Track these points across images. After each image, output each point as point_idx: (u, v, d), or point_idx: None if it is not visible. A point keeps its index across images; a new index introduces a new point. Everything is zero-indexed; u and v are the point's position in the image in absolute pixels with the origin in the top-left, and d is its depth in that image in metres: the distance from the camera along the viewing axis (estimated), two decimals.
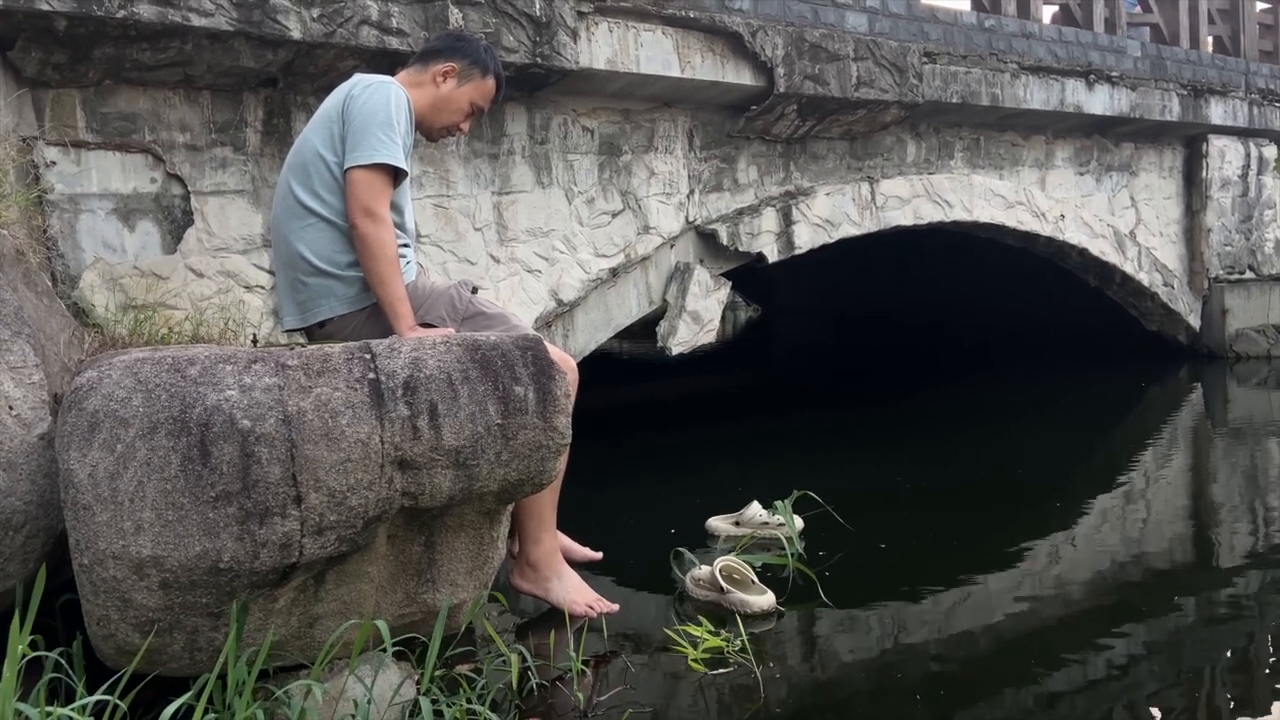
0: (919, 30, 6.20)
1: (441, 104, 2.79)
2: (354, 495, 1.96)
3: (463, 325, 2.65)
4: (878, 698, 2.56)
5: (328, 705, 2.06)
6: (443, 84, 2.78)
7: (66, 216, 3.53)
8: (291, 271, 2.67)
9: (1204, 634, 2.93)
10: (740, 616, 2.91)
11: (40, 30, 3.23)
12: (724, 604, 3.02)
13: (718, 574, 3.06)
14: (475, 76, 2.81)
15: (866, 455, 5.57)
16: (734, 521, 3.82)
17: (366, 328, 2.60)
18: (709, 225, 5.52)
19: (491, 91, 2.86)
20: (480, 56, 2.82)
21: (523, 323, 2.75)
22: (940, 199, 6.69)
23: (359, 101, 2.56)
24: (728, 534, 3.78)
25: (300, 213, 2.62)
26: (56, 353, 2.43)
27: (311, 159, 2.62)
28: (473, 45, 2.86)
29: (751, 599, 3.00)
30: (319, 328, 2.69)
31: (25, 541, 2.00)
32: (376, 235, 2.50)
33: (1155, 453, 5.60)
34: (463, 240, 4.58)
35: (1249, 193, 8.71)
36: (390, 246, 2.52)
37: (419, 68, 2.81)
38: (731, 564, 3.12)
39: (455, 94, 2.79)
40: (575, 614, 2.75)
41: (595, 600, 2.83)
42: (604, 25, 4.61)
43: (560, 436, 2.23)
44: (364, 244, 2.51)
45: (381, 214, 2.51)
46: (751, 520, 3.75)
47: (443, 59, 2.79)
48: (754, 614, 2.96)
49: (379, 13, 3.80)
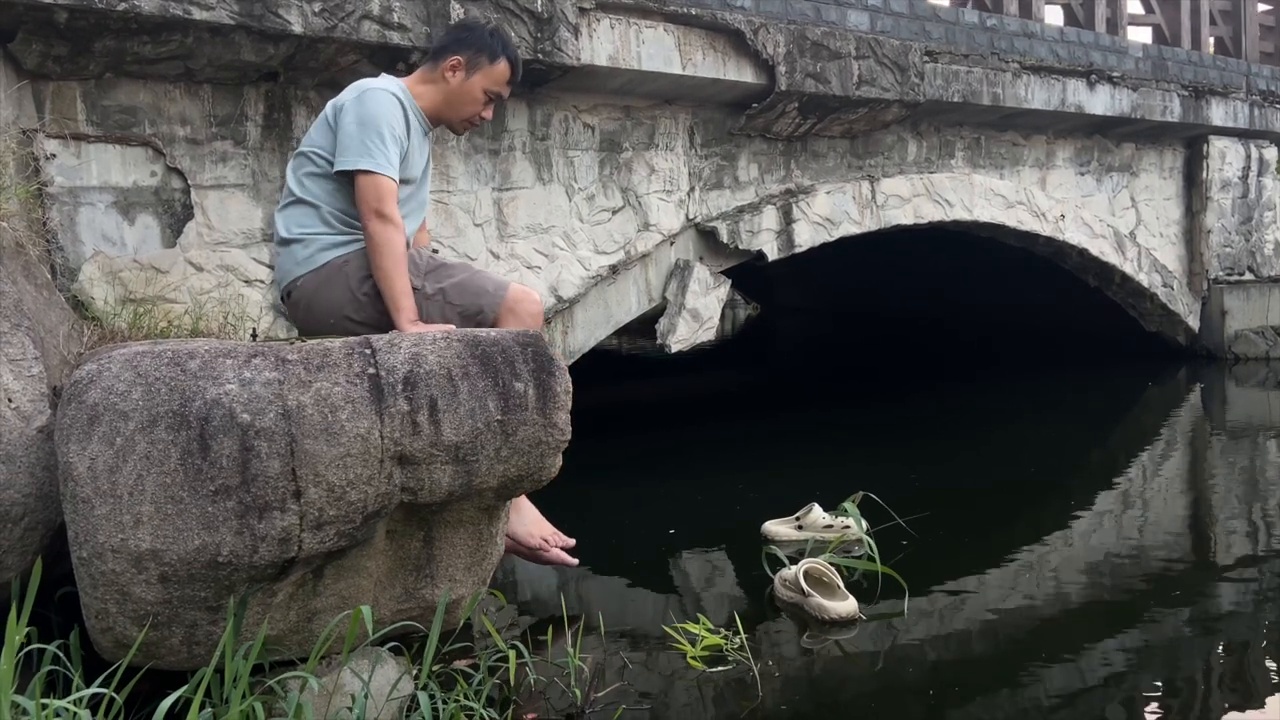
0: (921, 29, 6.19)
1: (454, 98, 2.83)
2: (353, 490, 1.96)
3: (427, 279, 2.72)
4: (876, 698, 2.56)
5: (324, 699, 2.06)
6: (453, 78, 2.81)
7: (66, 209, 3.52)
8: (275, 246, 2.84)
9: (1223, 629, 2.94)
10: (820, 622, 2.89)
11: (41, 22, 3.22)
12: (805, 608, 2.97)
13: (801, 577, 2.99)
14: (483, 64, 2.83)
15: (866, 455, 5.57)
16: (795, 525, 3.69)
17: (323, 290, 2.68)
18: (709, 223, 5.52)
19: (505, 75, 2.87)
20: (486, 43, 2.84)
21: (486, 271, 2.83)
22: (941, 198, 6.69)
23: (352, 107, 2.65)
24: (788, 538, 3.64)
25: (287, 194, 2.78)
26: (56, 346, 2.42)
27: (305, 151, 2.75)
28: (477, 33, 2.88)
29: (832, 605, 2.93)
30: (287, 299, 2.81)
31: (23, 534, 2.00)
32: (383, 233, 2.59)
33: (1152, 454, 5.60)
34: (462, 236, 4.58)
35: (1249, 194, 8.70)
36: (398, 245, 2.60)
37: (430, 66, 2.86)
38: (818, 566, 3.04)
39: (466, 86, 2.82)
40: (530, 545, 2.80)
41: (551, 534, 2.84)
42: (605, 21, 4.61)
43: (560, 433, 2.22)
44: (373, 242, 2.60)
45: (389, 213, 2.59)
46: (814, 524, 3.62)
47: (449, 53, 2.82)
48: (833, 620, 2.90)
49: (380, 7, 3.79)
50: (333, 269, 2.68)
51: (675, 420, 6.88)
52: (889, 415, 6.86)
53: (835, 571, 3.06)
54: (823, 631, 2.88)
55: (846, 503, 3.50)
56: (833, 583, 3.02)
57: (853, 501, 3.49)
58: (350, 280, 2.67)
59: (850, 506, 3.47)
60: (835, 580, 3.03)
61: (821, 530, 3.60)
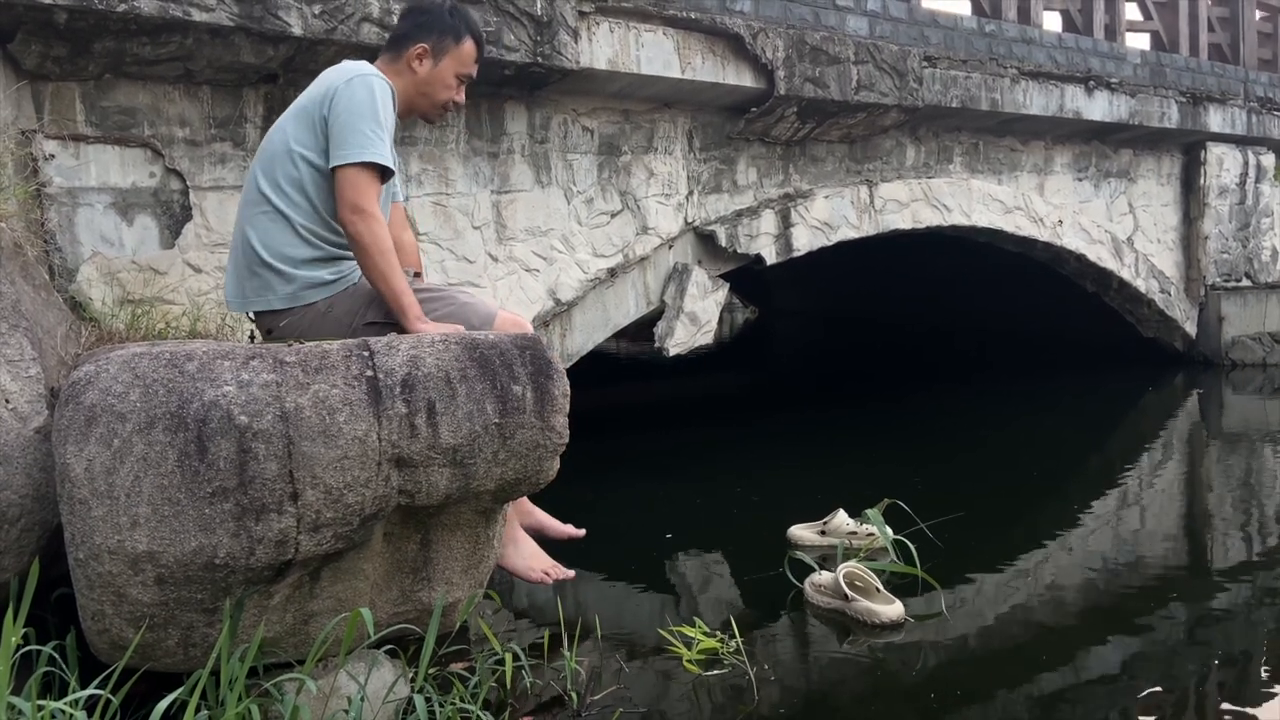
0: (919, 34, 6.20)
1: (424, 87, 2.68)
2: (351, 492, 1.96)
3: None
4: (871, 700, 2.56)
5: (321, 702, 2.06)
6: (420, 67, 2.66)
7: (65, 210, 3.52)
8: (239, 256, 2.62)
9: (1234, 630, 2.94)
10: (867, 627, 2.88)
11: (40, 23, 3.22)
12: (848, 613, 2.95)
13: (842, 581, 2.97)
14: (450, 47, 2.68)
15: (864, 458, 5.57)
16: (819, 530, 3.71)
17: (311, 334, 2.50)
18: (708, 226, 5.52)
19: (472, 54, 2.72)
20: (448, 23, 2.68)
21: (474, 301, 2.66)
22: (939, 203, 6.70)
23: (343, 96, 2.47)
24: (812, 543, 3.66)
25: (257, 199, 2.56)
26: (53, 346, 2.42)
27: (279, 151, 2.54)
28: (436, 15, 2.70)
29: (880, 609, 2.92)
30: (255, 317, 2.65)
31: (20, 535, 2.00)
32: (369, 231, 2.42)
33: (1150, 460, 5.61)
34: (461, 238, 4.58)
35: (1246, 200, 8.72)
36: (384, 240, 2.44)
37: (392, 55, 2.69)
38: (856, 571, 3.02)
39: (435, 73, 2.68)
40: (531, 580, 2.72)
41: (551, 567, 2.75)
42: (605, 25, 4.61)
43: (558, 436, 2.22)
44: (357, 242, 2.44)
45: (371, 210, 2.43)
46: (838, 529, 3.63)
47: (411, 41, 2.67)
48: (882, 624, 2.90)
49: (380, 9, 3.80)
50: (316, 314, 2.54)
51: (673, 423, 6.88)
52: (887, 419, 6.86)
53: (874, 576, 3.04)
54: (868, 635, 2.86)
55: (872, 510, 3.49)
56: (870, 586, 3.00)
57: (878, 509, 3.48)
58: (339, 325, 2.53)
59: (874, 514, 3.46)
60: (874, 584, 3.01)
61: (846, 535, 3.59)
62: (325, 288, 2.56)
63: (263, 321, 2.64)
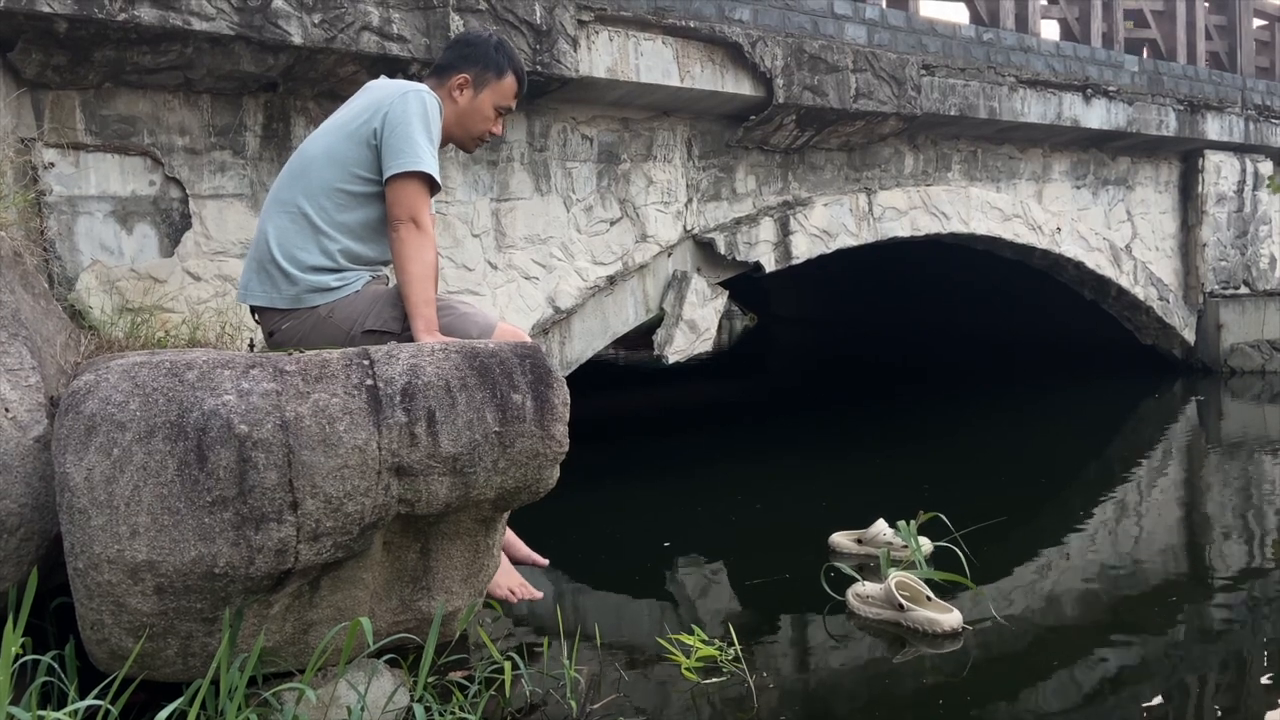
0: (918, 42, 6.22)
1: (465, 118, 2.75)
2: (350, 502, 1.96)
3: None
4: (874, 704, 2.56)
5: (320, 712, 2.06)
6: (461, 97, 2.73)
7: (64, 218, 3.52)
8: (255, 251, 2.66)
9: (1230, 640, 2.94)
10: (926, 636, 2.87)
11: (41, 32, 3.23)
12: (903, 622, 2.94)
13: (894, 590, 2.96)
14: (490, 80, 2.75)
15: (863, 463, 5.57)
16: (856, 539, 3.72)
17: (311, 338, 2.54)
18: (707, 234, 5.53)
19: (513, 89, 2.80)
20: (491, 58, 2.76)
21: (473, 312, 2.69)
22: (937, 210, 6.71)
23: (399, 108, 2.53)
24: (850, 551, 3.68)
25: (283, 200, 2.61)
26: (53, 355, 2.42)
27: (317, 156, 2.59)
28: (482, 48, 2.78)
29: (939, 617, 2.90)
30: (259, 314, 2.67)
31: (19, 545, 1.99)
32: (419, 243, 2.50)
33: (1150, 467, 5.60)
34: (460, 246, 4.58)
35: (1244, 208, 8.74)
36: (429, 253, 2.53)
37: (435, 83, 2.75)
38: (906, 580, 3.02)
39: (476, 104, 2.75)
40: (496, 596, 2.69)
41: (519, 585, 2.75)
42: (604, 34, 4.62)
43: (558, 444, 2.22)
44: (404, 248, 2.50)
45: (425, 224, 2.52)
46: (875, 539, 3.64)
47: (455, 71, 2.74)
48: (941, 633, 2.89)
49: (380, 19, 3.81)
50: (317, 319, 2.57)
51: (672, 430, 6.88)
52: (884, 426, 6.86)
53: (923, 584, 3.03)
54: (927, 645, 2.84)
55: (907, 522, 3.46)
56: (920, 595, 2.99)
57: (915, 521, 3.46)
58: (339, 331, 2.56)
59: (906, 528, 3.43)
60: (925, 593, 3.00)
61: (883, 545, 3.56)
62: (328, 293, 2.58)
63: (265, 320, 2.67)
